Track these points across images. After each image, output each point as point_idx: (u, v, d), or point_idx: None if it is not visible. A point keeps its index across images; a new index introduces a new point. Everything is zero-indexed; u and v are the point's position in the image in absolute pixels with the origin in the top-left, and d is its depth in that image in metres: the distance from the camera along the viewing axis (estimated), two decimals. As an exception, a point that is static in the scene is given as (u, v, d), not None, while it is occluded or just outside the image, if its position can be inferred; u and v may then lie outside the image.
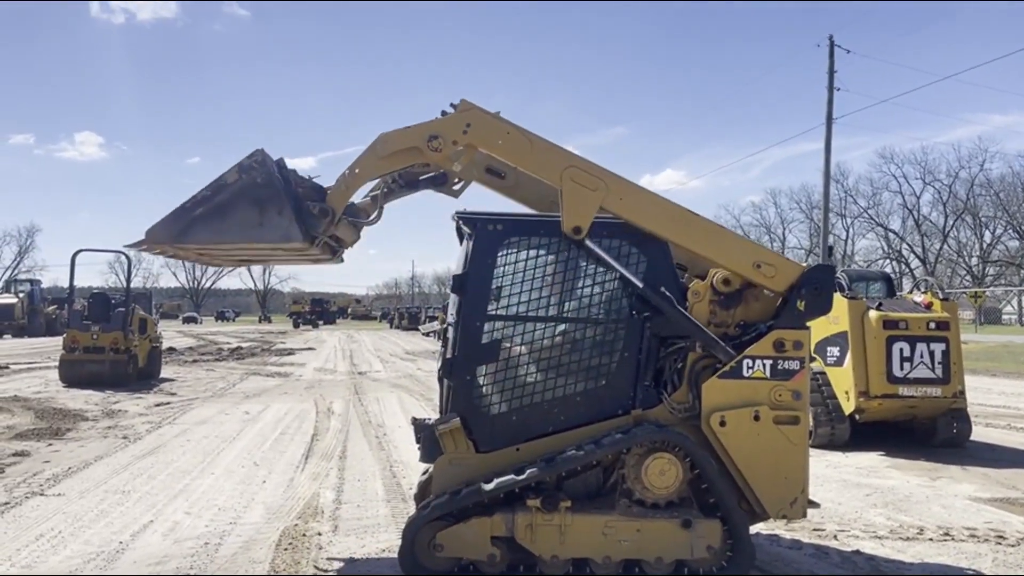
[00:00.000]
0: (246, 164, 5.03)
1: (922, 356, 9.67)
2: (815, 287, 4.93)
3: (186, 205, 5.03)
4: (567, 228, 4.91)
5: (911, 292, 12.26)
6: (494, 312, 4.95)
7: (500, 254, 4.96)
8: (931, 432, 10.09)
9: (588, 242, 4.93)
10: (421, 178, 5.90)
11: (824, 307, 4.99)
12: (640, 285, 4.88)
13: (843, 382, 9.76)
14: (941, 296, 10.53)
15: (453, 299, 5.11)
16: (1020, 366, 24.02)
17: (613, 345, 4.96)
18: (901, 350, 9.63)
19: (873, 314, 9.73)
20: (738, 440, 4.78)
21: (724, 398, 4.81)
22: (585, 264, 5.02)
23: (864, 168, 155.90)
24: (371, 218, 5.78)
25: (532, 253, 4.98)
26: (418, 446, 5.13)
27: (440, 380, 5.20)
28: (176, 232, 5.05)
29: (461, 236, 5.23)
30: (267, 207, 4.99)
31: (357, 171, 5.14)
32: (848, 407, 9.71)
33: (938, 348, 9.73)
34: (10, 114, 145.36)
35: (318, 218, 5.10)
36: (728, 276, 5.05)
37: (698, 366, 4.94)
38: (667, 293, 4.89)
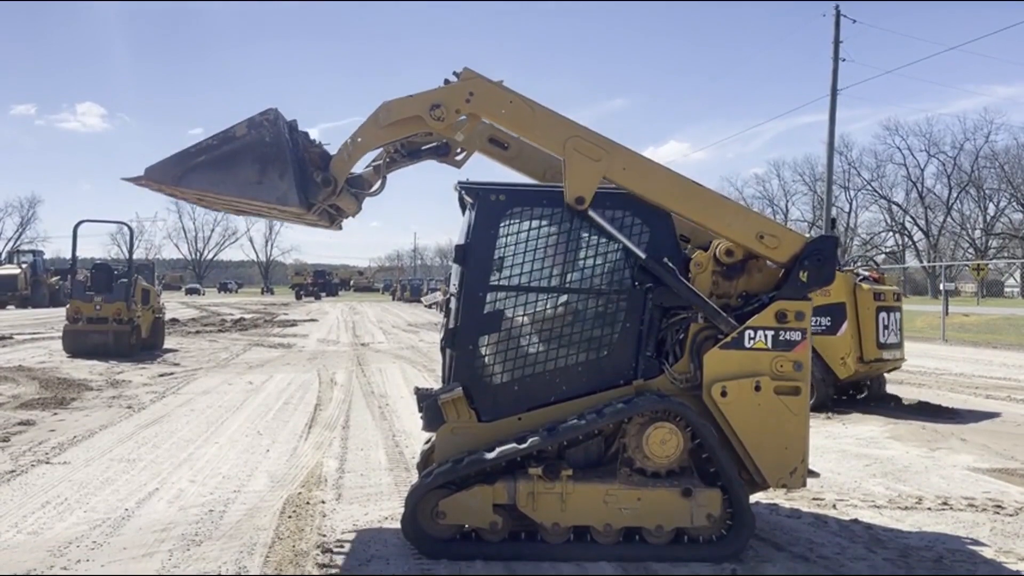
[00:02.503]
0: (257, 120, 4.96)
1: (892, 324, 10.75)
2: (818, 258, 4.92)
3: (190, 150, 4.99)
4: (570, 198, 4.89)
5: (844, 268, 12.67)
6: (496, 283, 4.95)
7: (502, 224, 4.95)
8: (861, 389, 11.43)
9: (591, 212, 4.92)
10: (424, 148, 5.87)
11: (827, 278, 4.99)
12: (643, 256, 4.89)
13: (839, 349, 10.42)
14: (879, 272, 11.87)
15: (455, 270, 5.11)
16: (1021, 338, 24.05)
17: (615, 316, 4.96)
18: (883, 319, 10.60)
19: (865, 286, 10.62)
20: (739, 410, 4.80)
21: (725, 368, 4.82)
22: (587, 235, 5.01)
23: (868, 140, 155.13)
24: (373, 188, 5.75)
25: (534, 223, 4.96)
26: (421, 415, 5.16)
27: (443, 350, 5.22)
28: (175, 175, 4.99)
29: (463, 207, 5.21)
30: (269, 168, 4.92)
31: (359, 140, 5.10)
32: (845, 372, 10.42)
33: (898, 317, 10.98)
34: (12, 84, 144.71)
35: (319, 187, 5.06)
36: (731, 247, 5.04)
37: (700, 337, 4.95)
38: (670, 264, 4.89)
